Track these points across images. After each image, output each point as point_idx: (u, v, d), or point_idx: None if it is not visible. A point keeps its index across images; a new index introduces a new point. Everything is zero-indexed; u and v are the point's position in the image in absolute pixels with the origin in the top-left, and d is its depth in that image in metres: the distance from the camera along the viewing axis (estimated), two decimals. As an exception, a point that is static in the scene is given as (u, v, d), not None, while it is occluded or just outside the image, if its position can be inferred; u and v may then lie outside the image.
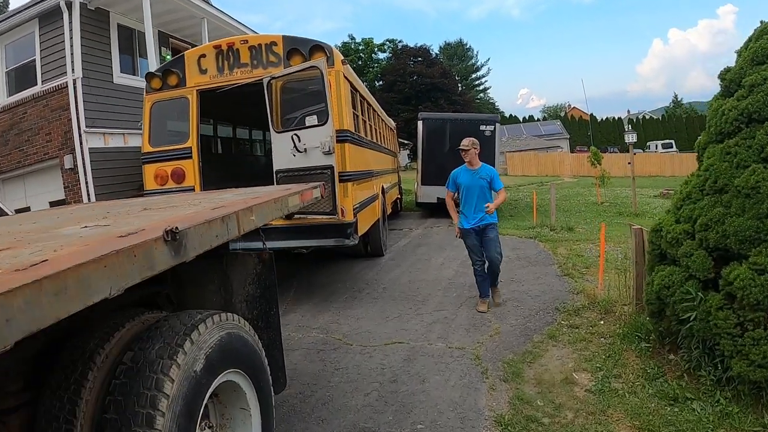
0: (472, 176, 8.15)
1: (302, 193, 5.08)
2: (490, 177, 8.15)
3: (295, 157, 8.59)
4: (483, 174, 8.14)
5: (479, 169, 8.17)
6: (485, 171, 8.20)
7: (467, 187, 8.17)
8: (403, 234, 17.23)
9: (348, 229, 8.95)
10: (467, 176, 8.21)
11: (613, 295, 8.62)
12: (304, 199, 5.09)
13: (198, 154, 9.53)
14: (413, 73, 59.42)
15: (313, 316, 8.72)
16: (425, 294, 9.76)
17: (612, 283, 9.06)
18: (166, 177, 9.59)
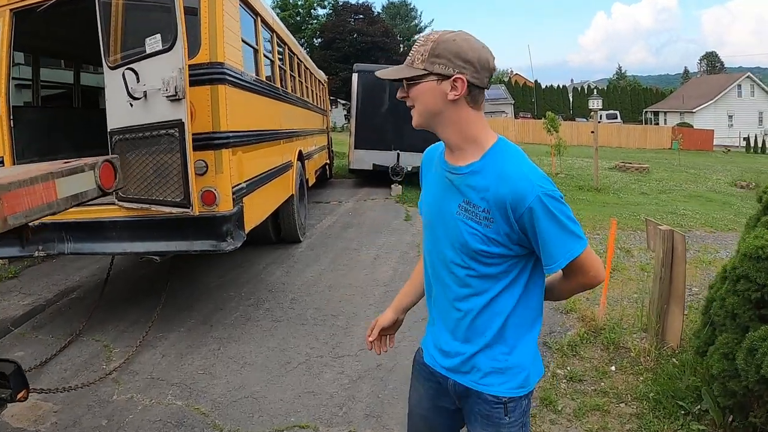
0: (449, 185, 2.12)
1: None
2: (511, 204, 1.94)
3: (133, 108, 5.42)
4: (485, 183, 2.00)
5: (477, 162, 2.04)
6: (495, 176, 1.99)
7: (430, 220, 2.25)
8: (330, 209, 14.02)
9: (224, 226, 5.80)
10: (436, 180, 2.24)
11: (614, 315, 6.37)
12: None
13: (7, 107, 6.33)
14: (353, 31, 57.26)
15: (179, 358, 5.70)
16: (350, 313, 6.73)
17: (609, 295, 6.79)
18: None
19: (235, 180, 6.00)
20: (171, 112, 5.05)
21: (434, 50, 1.91)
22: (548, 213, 1.87)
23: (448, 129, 2.01)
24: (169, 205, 5.31)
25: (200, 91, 5.58)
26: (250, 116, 6.97)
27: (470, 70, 1.91)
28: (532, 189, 1.86)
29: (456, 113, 1.97)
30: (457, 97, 1.93)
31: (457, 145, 2.03)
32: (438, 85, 1.93)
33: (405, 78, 1.98)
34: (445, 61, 1.90)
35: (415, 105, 2.00)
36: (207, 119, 5.63)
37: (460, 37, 1.94)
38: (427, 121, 2.02)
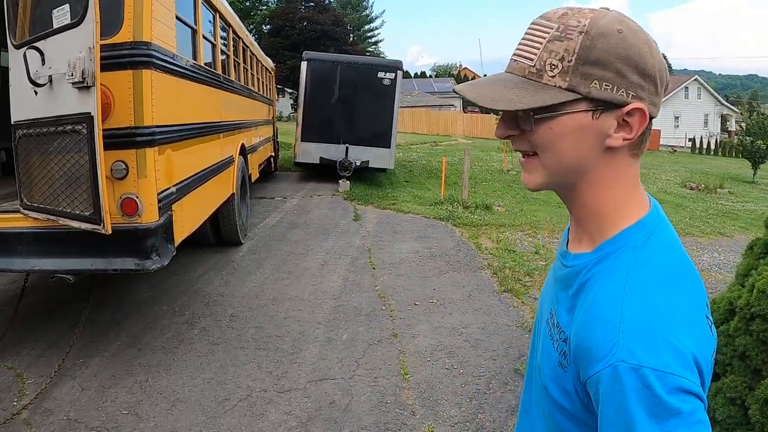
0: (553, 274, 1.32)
1: None
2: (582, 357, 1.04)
3: (37, 97, 4.49)
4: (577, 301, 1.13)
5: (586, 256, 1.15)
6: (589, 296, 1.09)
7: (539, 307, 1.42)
8: (274, 206, 13.06)
9: (148, 240, 4.83)
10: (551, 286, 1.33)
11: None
12: None
13: None
14: (303, 19, 57.00)
15: (101, 392, 4.82)
16: (297, 334, 5.91)
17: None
18: None
19: (163, 184, 5.07)
20: (78, 103, 4.10)
21: (589, 51, 1.03)
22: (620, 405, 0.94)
23: (589, 194, 1.14)
24: (77, 219, 4.39)
25: (120, 76, 4.62)
26: (184, 107, 6.01)
27: (649, 91, 1.06)
28: (611, 348, 0.97)
29: (609, 169, 1.11)
30: (627, 141, 1.07)
31: (582, 219, 1.18)
32: (594, 120, 1.06)
33: (533, 109, 1.06)
34: (613, 76, 1.03)
35: (541, 154, 1.11)
36: (128, 111, 4.65)
37: (625, 25, 1.04)
38: (559, 183, 1.15)
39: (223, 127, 8.05)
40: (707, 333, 1.03)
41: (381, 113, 16.27)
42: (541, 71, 1.06)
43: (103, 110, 4.42)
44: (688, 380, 0.92)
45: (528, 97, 1.05)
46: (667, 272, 1.05)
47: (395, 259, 8.56)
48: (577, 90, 1.03)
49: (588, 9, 1.07)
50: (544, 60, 1.05)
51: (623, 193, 1.12)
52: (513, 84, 1.08)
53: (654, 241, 1.09)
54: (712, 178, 24.01)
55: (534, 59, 1.07)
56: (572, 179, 1.12)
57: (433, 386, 4.91)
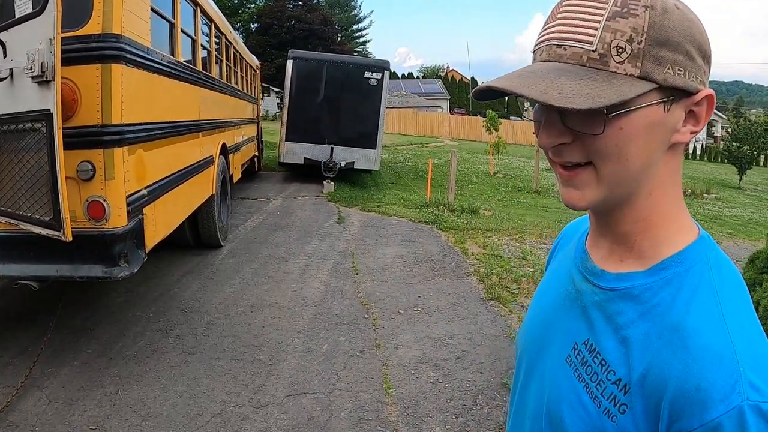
0: (574, 301, 1.04)
1: None
2: (673, 399, 0.81)
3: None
4: (641, 330, 0.89)
5: (641, 275, 0.94)
6: (666, 324, 0.87)
7: (524, 355, 1.17)
8: (257, 207, 12.75)
9: (116, 246, 4.55)
10: (555, 285, 1.14)
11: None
12: None
13: None
14: (292, 18, 56.97)
15: (69, 405, 4.54)
16: (275, 344, 5.64)
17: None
18: None
19: (132, 186, 4.78)
20: (38, 99, 3.81)
21: (660, 29, 0.84)
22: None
23: (644, 205, 0.94)
24: (37, 224, 4.10)
25: (88, 71, 4.33)
26: (158, 104, 5.71)
27: (707, 75, 0.91)
28: (735, 386, 0.77)
29: (667, 172, 0.93)
30: (694, 135, 0.92)
31: (631, 235, 0.96)
32: (666, 113, 0.87)
33: (606, 106, 0.82)
34: (683, 59, 0.86)
35: (602, 163, 0.89)
36: (95, 109, 4.33)
37: (680, 1, 0.89)
38: (618, 198, 0.93)
39: (202, 126, 7.77)
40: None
41: (367, 114, 16.02)
42: (605, 56, 0.84)
43: (69, 107, 4.15)
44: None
45: (607, 90, 0.82)
46: (745, 292, 0.91)
47: (379, 264, 8.31)
48: (651, 78, 0.84)
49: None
50: (608, 42, 0.84)
51: (676, 201, 0.95)
52: (577, 75, 0.85)
53: (721, 256, 0.94)
54: (699, 183, 23.96)
55: (593, 41, 0.85)
56: (631, 189, 0.92)
57: (417, 402, 4.67)
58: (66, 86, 4.09)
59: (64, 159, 3.73)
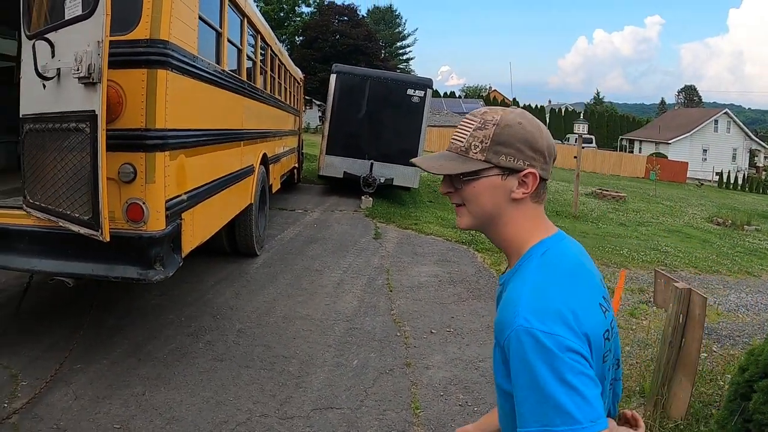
0: None
1: None
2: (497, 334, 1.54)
3: (45, 91, 4.28)
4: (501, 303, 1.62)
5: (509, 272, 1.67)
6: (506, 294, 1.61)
7: None
8: (294, 218, 12.81)
9: (153, 250, 4.57)
10: None
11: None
12: None
13: None
14: (336, 32, 57.82)
15: (95, 402, 4.57)
16: (305, 356, 5.61)
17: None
18: None
19: (173, 191, 4.81)
20: (83, 100, 3.84)
21: (498, 137, 1.54)
22: (522, 358, 1.36)
23: (504, 231, 1.61)
24: (76, 222, 4.13)
25: (134, 75, 4.37)
26: (202, 112, 5.76)
27: (540, 161, 1.56)
28: (514, 319, 1.40)
29: (517, 212, 1.58)
30: (525, 195, 1.56)
31: (507, 251, 1.64)
32: (502, 181, 1.56)
33: (462, 173, 1.56)
34: (514, 151, 1.53)
35: (468, 205, 1.60)
36: (140, 112, 4.38)
37: (525, 119, 1.57)
38: (481, 224, 1.62)
39: (244, 135, 7.82)
40: (597, 313, 1.47)
41: (408, 131, 15.92)
42: (467, 149, 1.54)
43: (114, 109, 4.19)
44: (570, 340, 1.32)
45: (459, 166, 1.54)
46: (561, 269, 1.49)
47: (414, 282, 8.24)
48: (490, 161, 1.51)
49: (501, 108, 1.56)
50: (470, 142, 1.54)
51: (531, 228, 1.57)
52: (451, 158, 1.57)
53: (552, 251, 1.53)
54: (740, 214, 23.42)
55: (464, 142, 1.55)
56: (491, 222, 1.58)
57: (445, 424, 4.60)
58: (112, 89, 4.13)
59: (106, 160, 3.76)
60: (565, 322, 1.34)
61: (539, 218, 1.57)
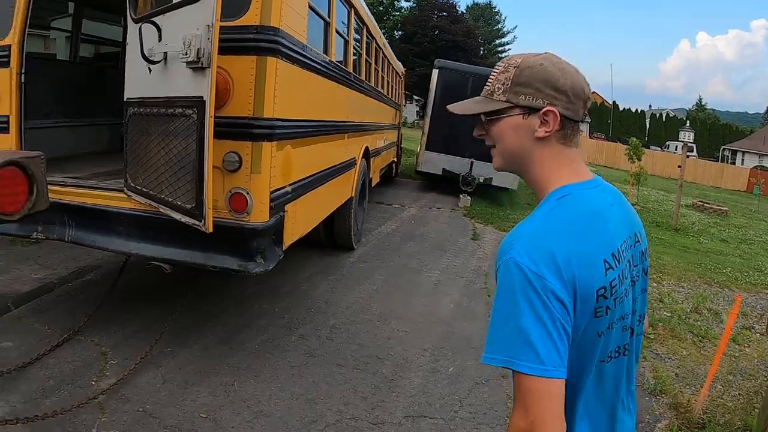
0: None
1: None
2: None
3: (151, 75, 4.20)
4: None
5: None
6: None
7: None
8: (391, 213, 12.69)
9: (254, 241, 4.46)
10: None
11: (711, 404, 5.18)
12: None
13: (20, 59, 5.14)
14: (435, 28, 57.40)
15: (183, 388, 4.55)
16: (400, 359, 5.42)
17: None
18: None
19: (278, 182, 4.68)
20: (191, 86, 3.74)
21: (518, 78, 1.59)
22: (508, 287, 1.43)
23: (531, 171, 1.65)
24: (177, 210, 4.05)
25: (243, 62, 4.26)
26: (309, 102, 5.62)
27: (563, 100, 1.56)
28: (509, 250, 1.46)
29: (543, 153, 1.62)
30: (548, 134, 1.58)
31: (535, 191, 1.69)
32: (524, 120, 1.60)
33: (484, 113, 1.66)
34: (533, 91, 1.57)
35: (497, 145, 1.68)
36: (248, 100, 4.26)
37: (548, 60, 1.59)
38: (510, 164, 1.70)
39: (348, 127, 7.70)
40: (596, 268, 1.46)
41: None
42: (492, 92, 1.62)
43: (221, 96, 4.08)
44: (554, 285, 1.38)
45: (483, 107, 1.64)
46: (569, 218, 1.50)
47: (512, 287, 7.91)
48: (511, 101, 1.58)
49: (526, 53, 1.62)
50: (495, 86, 1.62)
51: (555, 169, 1.60)
52: (478, 101, 1.67)
53: (570, 198, 1.54)
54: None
55: (490, 86, 1.63)
56: (520, 162, 1.64)
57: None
58: (219, 75, 4.03)
59: (212, 148, 3.65)
60: (556, 268, 1.39)
61: (567, 161, 1.60)
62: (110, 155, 7.15)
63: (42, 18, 8.51)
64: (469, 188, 15.14)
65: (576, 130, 1.60)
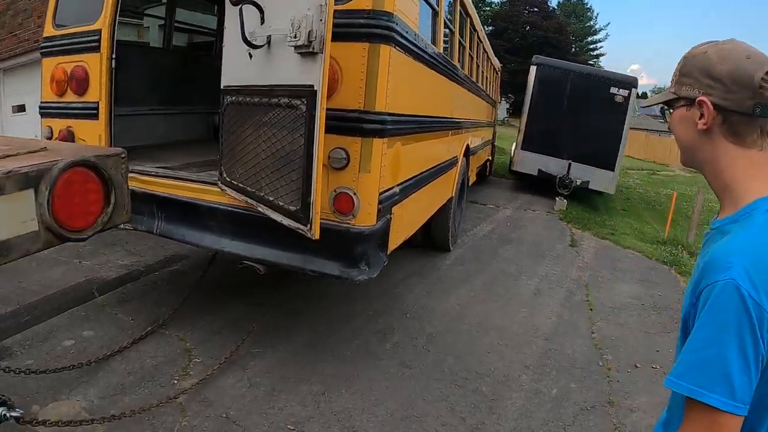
0: None
1: None
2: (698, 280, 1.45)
3: (252, 61, 3.91)
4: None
5: (722, 221, 1.54)
6: None
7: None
8: (486, 214, 12.23)
9: (359, 247, 4.09)
10: None
11: None
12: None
13: (110, 44, 5.02)
14: (527, 23, 57.21)
15: (269, 395, 4.30)
16: (499, 376, 5.00)
17: None
18: (64, 81, 5.24)
19: (387, 183, 4.30)
20: (299, 73, 3.39)
21: (683, 68, 1.55)
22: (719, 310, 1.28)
23: (705, 170, 1.56)
24: (279, 211, 3.73)
25: (353, 49, 3.89)
26: (419, 96, 5.24)
27: (718, 89, 1.44)
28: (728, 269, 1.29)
29: (710, 149, 1.51)
30: (706, 126, 1.48)
31: (716, 193, 1.56)
32: (687, 111, 1.54)
33: (659, 104, 1.67)
34: (692, 81, 1.51)
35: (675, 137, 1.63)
36: (358, 91, 3.91)
37: (716, 48, 1.48)
38: (689, 159, 1.61)
39: (453, 124, 7.33)
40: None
41: (609, 132, 14.81)
42: (672, 86, 1.60)
43: (329, 86, 3.67)
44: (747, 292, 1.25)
45: (660, 99, 1.66)
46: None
47: (615, 302, 7.35)
48: (676, 92, 1.57)
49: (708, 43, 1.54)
50: (672, 77, 1.60)
51: (739, 173, 1.47)
52: (662, 93, 1.66)
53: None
54: None
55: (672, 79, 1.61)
56: (694, 158, 1.58)
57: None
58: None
59: (323, 144, 3.30)
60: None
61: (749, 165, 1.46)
62: (204, 144, 7.03)
63: (135, 6, 8.48)
64: (565, 191, 14.56)
65: (750, 127, 1.44)
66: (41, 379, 4.18)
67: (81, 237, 2.18)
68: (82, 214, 2.14)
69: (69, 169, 2.05)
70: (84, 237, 2.19)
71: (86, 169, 2.12)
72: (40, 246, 2.03)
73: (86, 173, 2.13)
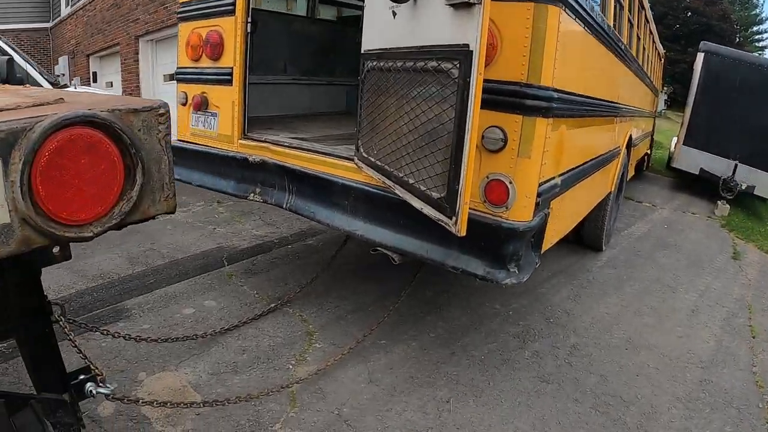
0: None
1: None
2: None
3: (395, 20, 3.33)
4: None
5: None
6: None
7: None
8: (641, 213, 11.22)
9: (511, 244, 3.44)
10: None
11: None
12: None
13: (246, 7, 4.74)
14: (688, 9, 53.54)
15: (389, 395, 3.94)
16: (647, 406, 4.28)
17: None
18: (199, 46, 5.11)
19: (548, 171, 3.65)
20: (451, 31, 2.75)
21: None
22: None
23: None
24: (419, 196, 3.17)
25: (514, 9, 3.23)
26: (587, 73, 4.53)
27: None
28: None
29: None
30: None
31: None
32: None
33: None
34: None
35: None
36: (520, 60, 3.24)
37: None
38: None
39: (619, 110, 6.58)
40: None
41: None
42: None
43: (487, 53, 3.03)
44: None
45: None
46: None
47: (782, 330, 6.32)
48: None
49: None
50: None
51: None
52: None
53: None
54: None
55: None
56: None
57: None
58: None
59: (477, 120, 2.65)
60: None
61: None
62: (346, 117, 6.74)
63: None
64: (730, 195, 13.15)
65: None
66: (153, 347, 4.08)
67: (83, 236, 1.57)
68: (87, 200, 1.52)
69: (62, 130, 1.42)
70: (88, 236, 1.58)
71: (93, 130, 1.48)
72: (13, 248, 1.44)
73: (93, 136, 1.50)
